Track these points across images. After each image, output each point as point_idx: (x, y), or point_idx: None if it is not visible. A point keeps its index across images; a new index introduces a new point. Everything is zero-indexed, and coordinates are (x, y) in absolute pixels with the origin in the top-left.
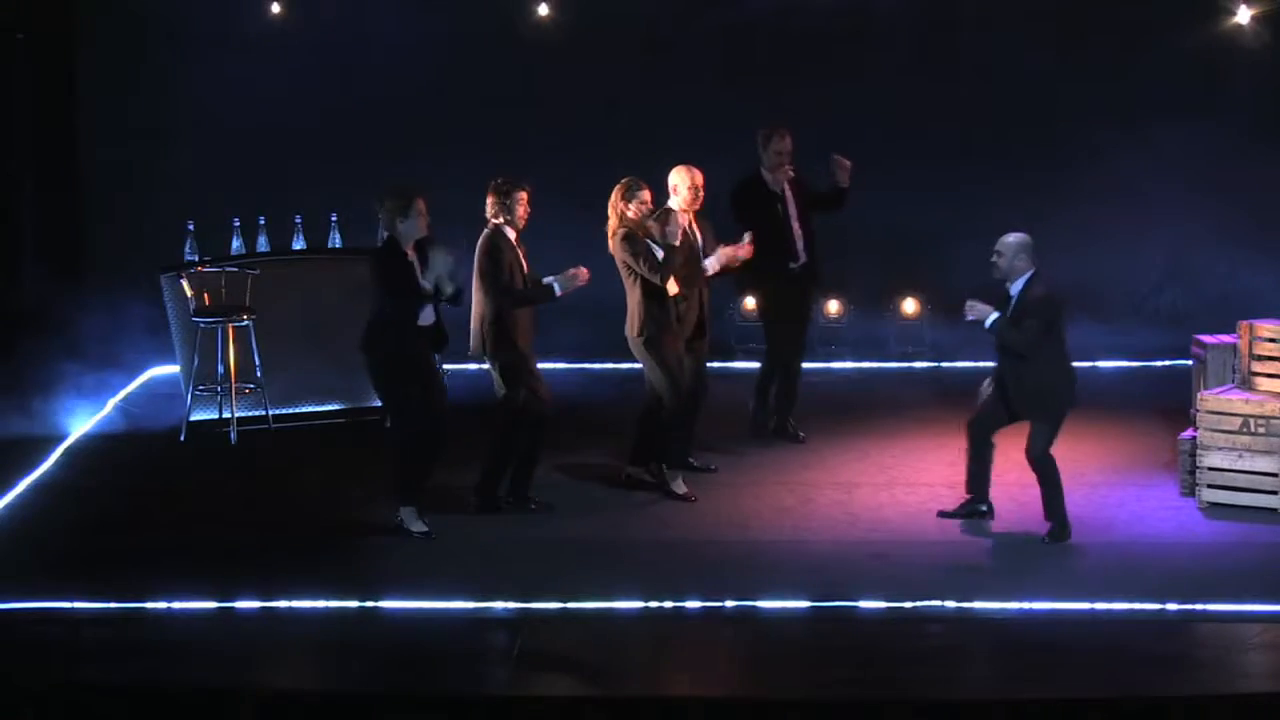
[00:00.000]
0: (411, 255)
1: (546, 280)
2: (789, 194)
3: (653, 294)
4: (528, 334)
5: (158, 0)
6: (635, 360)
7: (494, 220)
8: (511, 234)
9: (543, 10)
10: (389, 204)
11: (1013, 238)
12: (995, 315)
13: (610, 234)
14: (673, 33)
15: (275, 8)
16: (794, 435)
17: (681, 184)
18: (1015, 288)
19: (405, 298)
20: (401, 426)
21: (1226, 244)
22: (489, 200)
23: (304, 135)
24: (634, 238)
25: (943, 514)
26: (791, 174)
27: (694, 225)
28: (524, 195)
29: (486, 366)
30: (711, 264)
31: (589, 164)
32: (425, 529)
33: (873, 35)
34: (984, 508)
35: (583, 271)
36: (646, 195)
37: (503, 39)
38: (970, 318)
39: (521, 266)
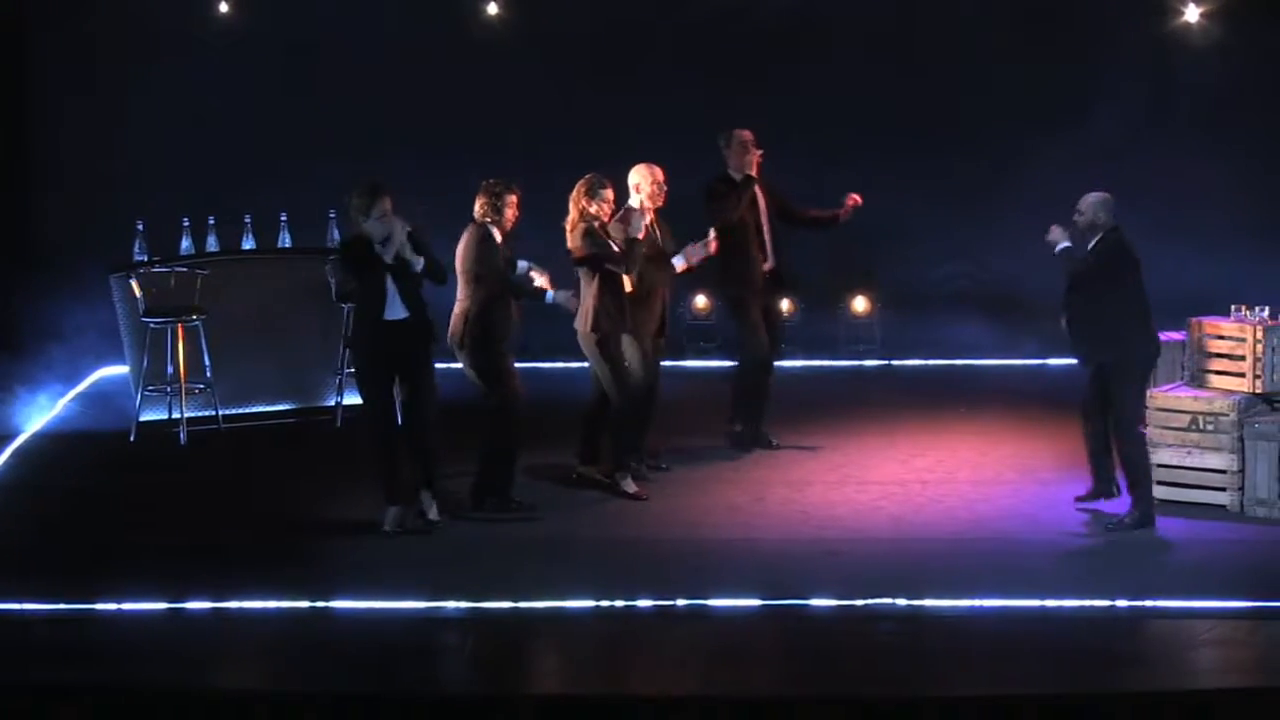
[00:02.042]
0: (380, 249)
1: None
2: (759, 195)
3: (609, 291)
4: (507, 332)
5: (107, 1)
6: (583, 358)
7: (481, 219)
8: (498, 235)
9: (491, 9)
10: (355, 200)
11: (1093, 195)
12: (1067, 245)
13: (569, 228)
14: (625, 32)
15: (224, 7)
16: (767, 442)
17: (644, 181)
18: (1091, 242)
19: (368, 283)
20: (376, 425)
21: (1175, 242)
22: (479, 200)
23: (253, 135)
24: (594, 232)
25: (1080, 499)
26: (760, 156)
27: (656, 224)
28: (514, 198)
29: (460, 365)
30: (679, 262)
31: (545, 165)
32: (398, 529)
33: (827, 35)
34: (1113, 489)
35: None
36: (610, 194)
37: (454, 38)
38: (1050, 239)
39: (510, 263)
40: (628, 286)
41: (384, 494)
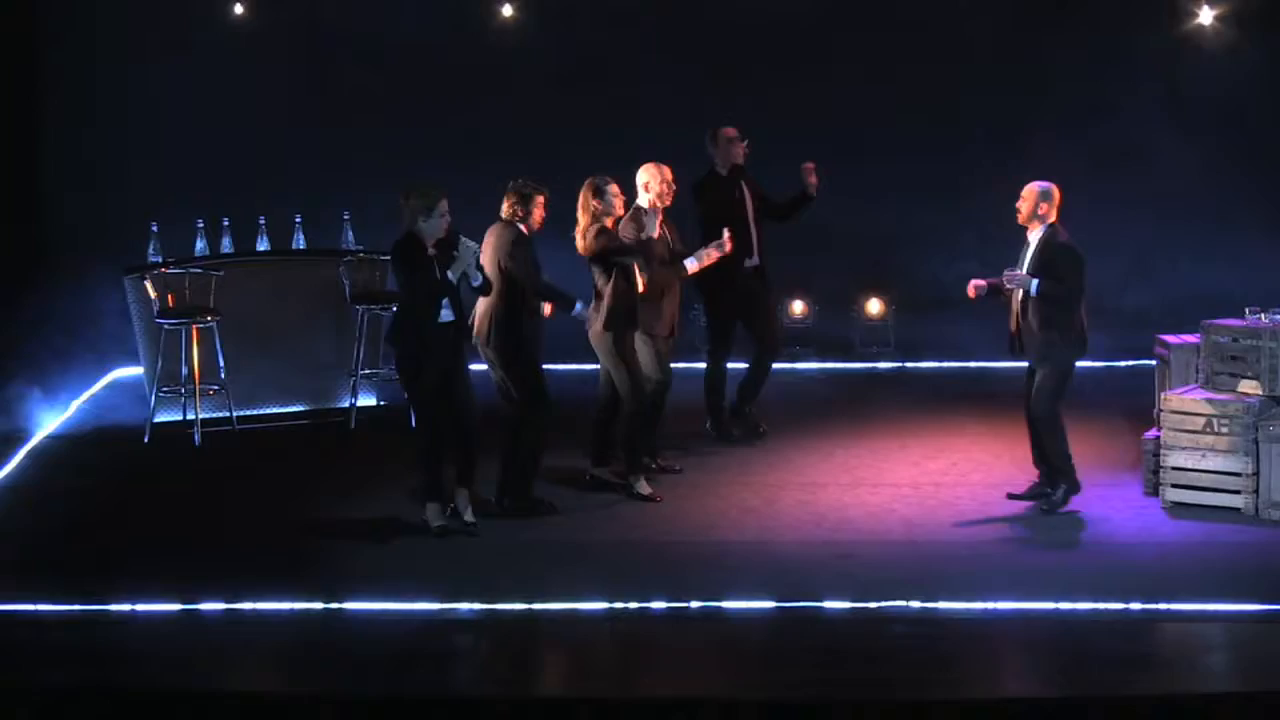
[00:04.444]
0: (433, 251)
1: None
2: (745, 192)
3: (624, 292)
4: (535, 331)
5: (121, 0)
6: (593, 360)
7: (510, 219)
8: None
9: (507, 11)
10: (414, 201)
11: (1035, 185)
12: (1035, 281)
13: (580, 233)
14: (633, 33)
15: (239, 8)
16: (754, 426)
17: (653, 180)
18: (1034, 235)
19: (423, 286)
20: (422, 424)
21: (1189, 244)
22: (507, 200)
23: (268, 137)
24: (608, 231)
25: (1012, 495)
26: (747, 149)
27: (665, 225)
28: (542, 199)
29: (485, 366)
30: (692, 264)
31: (557, 166)
32: (443, 524)
33: (837, 35)
34: (1049, 489)
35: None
36: (615, 187)
37: (468, 39)
38: (1010, 287)
39: (538, 266)
40: (640, 286)
41: (425, 493)
